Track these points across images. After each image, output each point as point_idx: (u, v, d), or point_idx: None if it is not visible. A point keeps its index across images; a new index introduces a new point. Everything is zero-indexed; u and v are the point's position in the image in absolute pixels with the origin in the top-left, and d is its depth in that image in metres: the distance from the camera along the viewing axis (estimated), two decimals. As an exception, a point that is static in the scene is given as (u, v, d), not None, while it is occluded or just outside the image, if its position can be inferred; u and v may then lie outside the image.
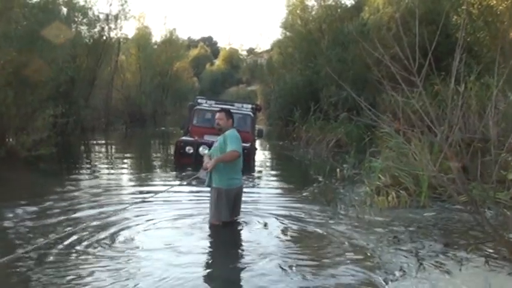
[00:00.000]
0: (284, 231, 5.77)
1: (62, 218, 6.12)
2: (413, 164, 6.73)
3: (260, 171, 11.49)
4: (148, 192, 7.66)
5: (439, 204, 6.67)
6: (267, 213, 6.54)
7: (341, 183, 9.05)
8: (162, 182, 9.25)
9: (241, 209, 6.01)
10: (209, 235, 5.57)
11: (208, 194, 5.85)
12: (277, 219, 6.30)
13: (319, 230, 5.75)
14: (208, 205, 5.85)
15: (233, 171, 5.62)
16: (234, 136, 5.51)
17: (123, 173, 11.04)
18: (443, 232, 5.54)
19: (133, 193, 8.13)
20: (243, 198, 5.95)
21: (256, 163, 12.34)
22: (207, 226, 5.74)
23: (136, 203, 6.46)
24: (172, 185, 7.06)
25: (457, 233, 5.50)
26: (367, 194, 7.23)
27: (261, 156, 14.39)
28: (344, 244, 5.17)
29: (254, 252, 4.90)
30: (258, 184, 9.57)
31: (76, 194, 7.89)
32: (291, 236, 5.62)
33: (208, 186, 5.72)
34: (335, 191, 8.41)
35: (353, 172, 9.28)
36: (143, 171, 11.57)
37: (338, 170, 9.68)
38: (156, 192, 6.89)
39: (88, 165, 12.25)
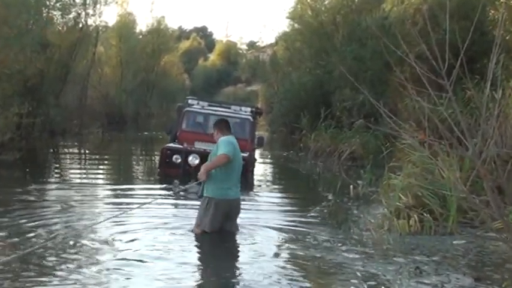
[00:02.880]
0: (285, 256, 5.78)
1: (22, 233, 6.10)
2: (440, 182, 6.73)
3: (260, 186, 11.48)
4: (126, 205, 7.67)
5: (470, 231, 6.66)
6: (266, 235, 6.55)
7: (354, 203, 9.06)
8: (143, 196, 9.22)
9: (239, 229, 6.37)
10: (197, 251, 5.82)
11: (197, 206, 6.25)
12: (278, 241, 6.31)
13: (327, 256, 5.73)
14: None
15: (226, 180, 5.97)
16: (225, 141, 5.96)
17: (97, 184, 11.03)
18: (474, 264, 5.53)
19: (108, 207, 8.16)
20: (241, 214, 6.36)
21: (255, 177, 12.33)
22: (192, 243, 5.97)
23: (110, 218, 6.46)
24: (155, 198, 7.12)
25: (490, 265, 5.48)
26: (385, 216, 7.22)
27: (262, 168, 14.39)
28: (356, 274, 5.14)
29: (250, 277, 4.89)
30: (257, 201, 9.56)
31: (41, 207, 7.84)
32: (294, 262, 5.60)
33: (200, 197, 6.15)
34: (347, 212, 8.43)
35: (369, 190, 9.26)
36: (121, 183, 11.55)
37: (351, 187, 9.67)
38: (141, 204, 6.93)
39: (57, 175, 12.26)
